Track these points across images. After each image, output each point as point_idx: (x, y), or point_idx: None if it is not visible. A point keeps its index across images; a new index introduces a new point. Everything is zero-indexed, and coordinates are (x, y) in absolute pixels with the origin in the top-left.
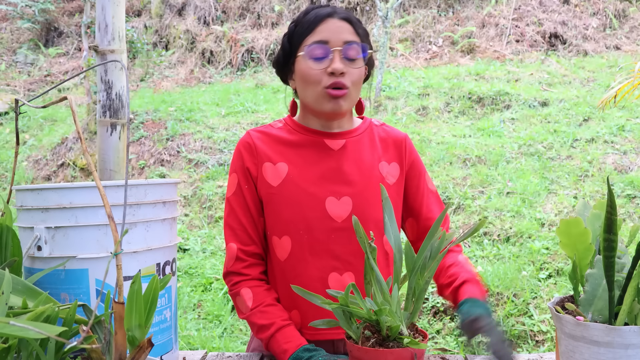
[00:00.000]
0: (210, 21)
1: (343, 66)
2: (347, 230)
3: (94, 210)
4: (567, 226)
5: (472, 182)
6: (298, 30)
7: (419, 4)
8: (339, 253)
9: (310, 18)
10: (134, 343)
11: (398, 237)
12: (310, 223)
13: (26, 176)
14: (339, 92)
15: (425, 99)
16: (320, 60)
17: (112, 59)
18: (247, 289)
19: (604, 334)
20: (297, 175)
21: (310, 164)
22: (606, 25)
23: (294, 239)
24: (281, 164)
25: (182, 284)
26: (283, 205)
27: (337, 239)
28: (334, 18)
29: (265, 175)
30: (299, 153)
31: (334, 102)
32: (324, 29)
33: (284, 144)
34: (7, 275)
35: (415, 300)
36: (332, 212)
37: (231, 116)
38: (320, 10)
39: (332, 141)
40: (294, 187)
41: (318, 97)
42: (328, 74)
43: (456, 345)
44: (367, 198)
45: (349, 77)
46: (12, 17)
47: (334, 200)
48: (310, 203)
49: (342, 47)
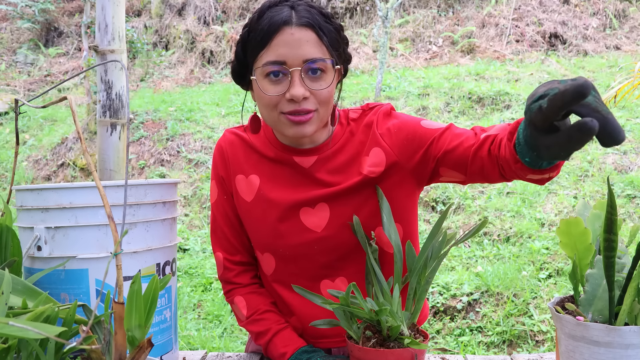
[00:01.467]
0: (210, 21)
1: (304, 90)
2: (329, 238)
3: (94, 210)
4: (567, 226)
5: None
6: (251, 39)
7: (419, 4)
8: (326, 261)
9: (263, 26)
10: (134, 343)
11: (398, 237)
12: (288, 240)
13: (26, 176)
14: (302, 117)
15: (425, 99)
16: (276, 82)
17: (112, 59)
18: (240, 297)
19: (604, 334)
20: (269, 190)
21: (281, 178)
22: (606, 25)
23: (276, 256)
24: (253, 177)
25: (182, 284)
26: (258, 222)
27: (322, 249)
28: (292, 26)
29: (239, 189)
30: (270, 167)
31: (295, 128)
32: (279, 43)
33: (256, 154)
34: (7, 275)
35: (416, 301)
36: (310, 223)
37: (231, 116)
38: (275, 15)
39: (303, 159)
40: (266, 202)
41: (277, 122)
42: (287, 99)
43: (456, 345)
44: (345, 200)
45: (314, 99)
46: (12, 17)
47: (308, 210)
48: (285, 218)
49: (302, 67)
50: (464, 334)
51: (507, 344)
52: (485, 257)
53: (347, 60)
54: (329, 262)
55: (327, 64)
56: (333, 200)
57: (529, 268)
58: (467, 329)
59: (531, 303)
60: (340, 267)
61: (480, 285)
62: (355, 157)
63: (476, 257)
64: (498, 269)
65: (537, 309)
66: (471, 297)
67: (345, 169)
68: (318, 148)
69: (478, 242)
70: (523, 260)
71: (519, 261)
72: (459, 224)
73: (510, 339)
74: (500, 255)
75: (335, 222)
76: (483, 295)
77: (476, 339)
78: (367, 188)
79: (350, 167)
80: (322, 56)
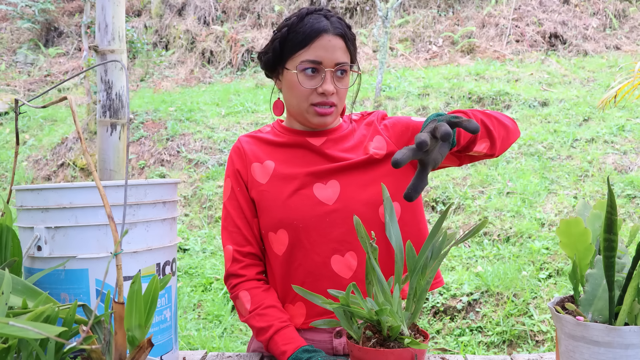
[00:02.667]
0: (210, 21)
1: (333, 87)
2: (340, 211)
3: (94, 210)
4: (567, 226)
5: (472, 182)
6: (291, 38)
7: (419, 4)
8: (337, 234)
9: (305, 30)
10: (134, 343)
11: (399, 237)
12: (302, 212)
13: (26, 176)
14: (327, 110)
15: (425, 99)
16: (311, 78)
17: (112, 59)
18: (245, 292)
19: (604, 334)
20: (284, 170)
21: (295, 158)
22: (606, 25)
23: (289, 231)
24: (268, 162)
25: (182, 284)
26: (274, 200)
27: (332, 221)
28: (329, 34)
29: (255, 175)
30: (284, 151)
31: (320, 118)
32: (318, 47)
33: (271, 144)
34: (7, 275)
35: (417, 301)
36: (322, 197)
37: (231, 116)
38: (316, 23)
39: (314, 138)
40: (282, 180)
41: (304, 111)
42: (318, 93)
43: (456, 345)
44: (354, 176)
45: (337, 95)
46: (12, 17)
47: (321, 185)
48: (300, 192)
49: (334, 68)
50: (464, 334)
51: (507, 344)
52: (485, 257)
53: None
54: (339, 235)
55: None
56: (343, 175)
57: (529, 268)
58: (467, 329)
59: (531, 303)
60: (349, 240)
61: (480, 285)
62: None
63: (476, 257)
64: (498, 269)
65: (537, 309)
66: (471, 297)
67: (352, 149)
68: (327, 131)
69: (478, 242)
70: (523, 260)
71: (519, 261)
72: (459, 224)
73: (510, 339)
74: (500, 255)
75: (345, 195)
76: (483, 295)
77: (476, 339)
78: (374, 166)
79: (356, 148)
80: (348, 61)
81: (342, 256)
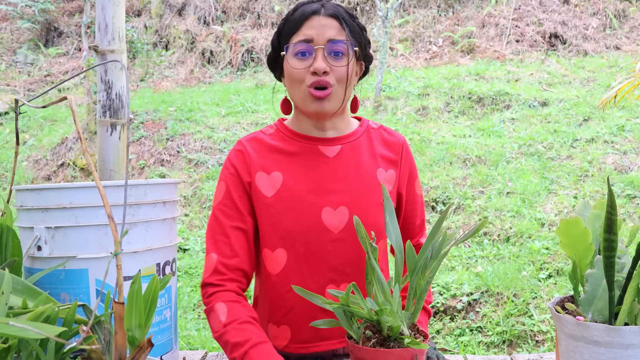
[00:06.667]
0: (210, 21)
1: (325, 65)
2: (344, 240)
3: (94, 210)
4: (567, 226)
5: (472, 182)
6: (286, 28)
7: (419, 4)
8: (336, 264)
9: (296, 16)
10: (134, 343)
11: (399, 237)
12: (306, 235)
13: (26, 176)
14: (322, 92)
15: (425, 99)
16: (303, 59)
17: (112, 59)
18: (221, 304)
19: (604, 334)
20: (293, 185)
21: (306, 172)
22: (606, 25)
23: (289, 252)
24: (275, 173)
25: (182, 284)
26: (278, 217)
27: (334, 250)
28: (320, 15)
29: (259, 186)
30: (293, 161)
31: (317, 104)
32: (308, 27)
33: (278, 152)
34: (7, 275)
35: (417, 300)
36: (328, 223)
37: (231, 116)
38: (307, 7)
39: (327, 148)
40: (290, 197)
41: (303, 96)
42: (311, 72)
43: (456, 345)
44: (364, 206)
45: (333, 75)
46: (12, 17)
47: (330, 210)
48: (307, 214)
49: (325, 45)
50: (464, 334)
51: (507, 344)
52: (485, 257)
53: (368, 60)
54: (339, 266)
55: (347, 47)
56: (354, 202)
57: (529, 268)
58: (467, 329)
59: (531, 303)
60: (348, 272)
61: (480, 285)
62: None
63: (476, 257)
64: (498, 269)
65: (537, 309)
66: (471, 297)
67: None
68: (342, 137)
69: (478, 242)
70: (523, 260)
71: (519, 261)
72: (459, 224)
73: (510, 339)
74: (500, 255)
75: (352, 226)
76: (483, 295)
77: (476, 339)
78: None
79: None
80: (343, 39)
81: (337, 287)
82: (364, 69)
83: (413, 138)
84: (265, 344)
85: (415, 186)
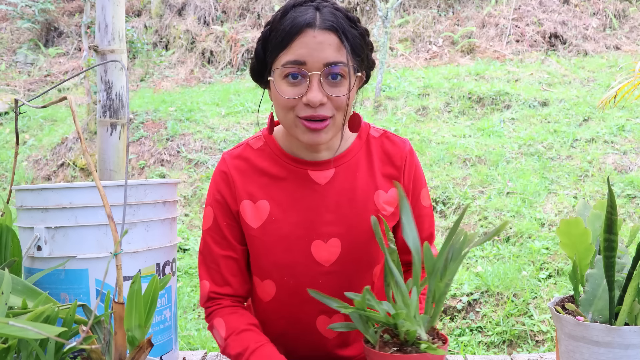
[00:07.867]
0: (210, 21)
1: (322, 95)
2: (336, 274)
3: (94, 210)
4: (567, 226)
5: (472, 182)
6: (272, 38)
7: (419, 4)
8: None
9: (286, 26)
10: (134, 343)
11: (417, 238)
12: (295, 269)
13: (26, 176)
14: (318, 124)
15: (425, 99)
16: (294, 84)
17: (112, 59)
18: (219, 319)
19: (604, 334)
20: (280, 217)
21: (293, 202)
22: (606, 25)
23: (277, 284)
24: (262, 202)
25: (182, 284)
26: (265, 250)
27: (325, 283)
28: (315, 29)
29: (244, 215)
30: (281, 187)
31: (311, 135)
32: (300, 45)
33: (265, 176)
34: (7, 275)
35: (436, 304)
36: (319, 257)
37: (231, 116)
38: (299, 16)
39: (318, 173)
40: (277, 230)
41: (292, 125)
42: (303, 103)
43: (456, 345)
44: (357, 236)
45: (332, 105)
46: (12, 17)
47: (320, 243)
48: (295, 247)
49: (322, 71)
50: (464, 334)
51: (507, 344)
52: (485, 257)
53: (370, 66)
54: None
55: (348, 69)
56: (346, 234)
57: (529, 268)
58: (467, 329)
59: (531, 303)
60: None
61: (480, 285)
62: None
63: (476, 257)
64: (498, 269)
65: (537, 309)
66: (471, 297)
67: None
68: (336, 159)
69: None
70: (523, 260)
71: (519, 261)
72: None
73: (510, 339)
74: (500, 255)
75: (345, 258)
76: (483, 295)
77: (476, 339)
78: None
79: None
80: (344, 60)
81: (328, 317)
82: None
83: (413, 138)
84: (263, 347)
85: (420, 198)
